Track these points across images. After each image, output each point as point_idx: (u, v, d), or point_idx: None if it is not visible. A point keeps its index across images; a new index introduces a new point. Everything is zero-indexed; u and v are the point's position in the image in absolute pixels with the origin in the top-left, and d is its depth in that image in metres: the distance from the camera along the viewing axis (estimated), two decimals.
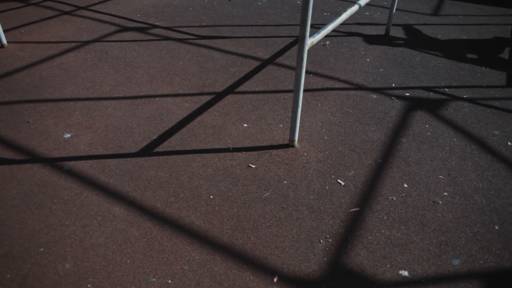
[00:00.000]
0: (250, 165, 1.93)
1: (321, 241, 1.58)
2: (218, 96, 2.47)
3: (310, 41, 1.80)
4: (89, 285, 1.39)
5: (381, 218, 1.68)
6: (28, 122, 2.21)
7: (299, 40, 1.75)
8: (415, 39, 3.34)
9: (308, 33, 1.73)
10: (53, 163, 1.93)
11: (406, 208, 1.73)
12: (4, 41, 2.99)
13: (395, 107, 2.42)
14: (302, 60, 1.78)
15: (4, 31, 3.26)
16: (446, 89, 2.62)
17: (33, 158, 1.96)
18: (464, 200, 1.77)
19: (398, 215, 1.70)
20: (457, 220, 1.67)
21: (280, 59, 2.95)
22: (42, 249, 1.51)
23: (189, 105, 2.38)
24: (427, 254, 1.53)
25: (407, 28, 3.57)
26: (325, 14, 3.83)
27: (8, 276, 1.42)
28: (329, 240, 1.58)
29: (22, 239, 1.55)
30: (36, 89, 2.52)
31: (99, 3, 4.01)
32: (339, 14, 2.54)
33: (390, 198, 1.78)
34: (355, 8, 2.30)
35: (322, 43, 3.21)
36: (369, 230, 1.63)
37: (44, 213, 1.67)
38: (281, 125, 2.23)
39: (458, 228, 1.64)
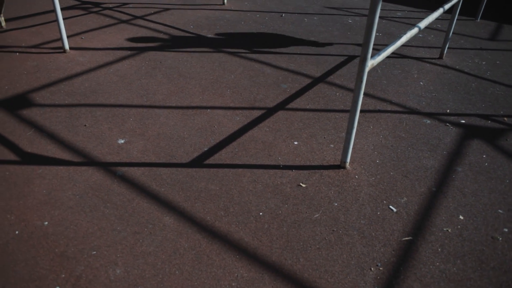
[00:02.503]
0: (301, 184, 1.91)
1: (372, 268, 1.53)
2: (269, 112, 2.48)
3: (371, 63, 1.77)
4: None
5: (435, 250, 1.61)
6: (85, 125, 2.29)
7: (360, 61, 1.72)
8: (471, 64, 3.23)
9: (370, 55, 1.70)
10: (107, 167, 1.98)
11: (462, 242, 1.65)
12: (67, 46, 3.13)
13: (450, 134, 2.34)
14: (361, 81, 1.75)
15: (67, 37, 3.42)
16: (505, 118, 2.51)
17: (88, 161, 2.02)
18: None
19: (454, 249, 1.62)
20: None
21: (331, 78, 2.93)
22: (95, 252, 1.55)
23: (240, 119, 2.39)
24: None
25: (463, 52, 3.46)
26: (378, 34, 3.78)
27: (63, 275, 1.45)
28: (380, 268, 1.53)
29: (76, 240, 1.59)
30: (93, 94, 2.61)
31: (154, 13, 4.14)
32: (398, 36, 2.50)
33: (444, 229, 1.71)
34: (414, 31, 2.25)
35: None
36: (423, 261, 1.56)
37: (97, 216, 1.71)
38: (331, 145, 2.20)
39: None
